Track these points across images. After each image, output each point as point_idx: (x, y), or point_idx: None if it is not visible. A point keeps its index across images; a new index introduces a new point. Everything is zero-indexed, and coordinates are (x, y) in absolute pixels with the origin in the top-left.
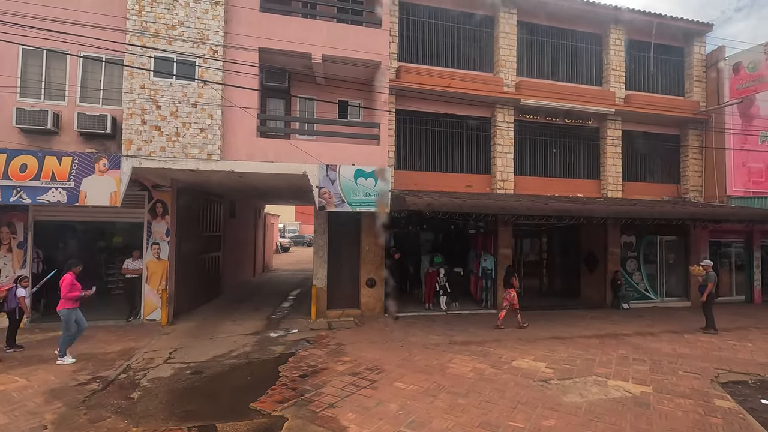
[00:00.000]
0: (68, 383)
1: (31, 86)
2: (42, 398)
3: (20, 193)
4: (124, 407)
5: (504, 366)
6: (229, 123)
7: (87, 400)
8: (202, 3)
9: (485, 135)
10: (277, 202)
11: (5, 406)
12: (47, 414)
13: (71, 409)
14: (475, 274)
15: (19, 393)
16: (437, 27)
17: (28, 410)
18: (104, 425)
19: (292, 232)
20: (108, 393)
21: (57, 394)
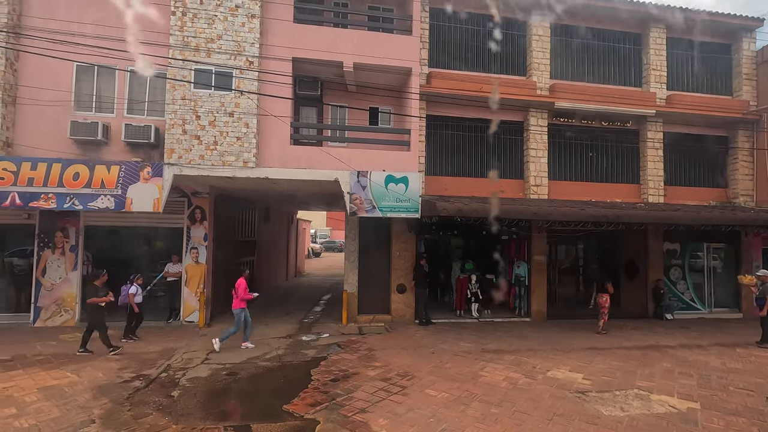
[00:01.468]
0: (114, 380)
1: (83, 100)
2: (90, 394)
3: (73, 199)
4: (165, 405)
5: (538, 376)
6: (264, 131)
7: (131, 397)
8: (239, 16)
9: (518, 139)
10: (308, 208)
11: (58, 400)
12: (95, 409)
13: (117, 405)
14: (508, 281)
15: (70, 388)
16: (468, 32)
17: (78, 405)
18: (147, 422)
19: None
20: (150, 391)
21: (104, 390)
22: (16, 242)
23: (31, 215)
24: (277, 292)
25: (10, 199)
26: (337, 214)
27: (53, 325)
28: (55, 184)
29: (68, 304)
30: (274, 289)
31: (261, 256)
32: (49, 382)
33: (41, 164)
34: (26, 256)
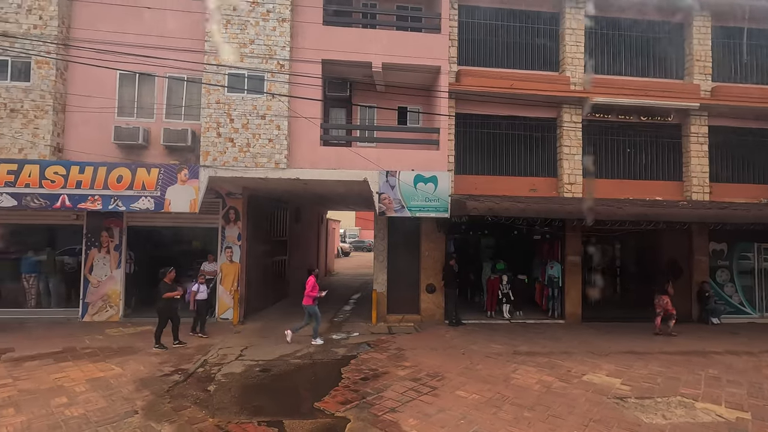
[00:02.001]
0: (155, 374)
1: (126, 106)
2: (133, 386)
3: (117, 201)
4: (202, 399)
5: (573, 380)
6: (295, 133)
7: (170, 390)
8: (270, 21)
9: (551, 136)
10: (338, 208)
11: (104, 391)
12: (138, 400)
13: (157, 397)
14: (541, 282)
15: (115, 380)
16: (498, 28)
17: (123, 396)
18: (185, 414)
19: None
20: (188, 384)
21: (146, 383)
22: (66, 241)
23: (79, 216)
24: None
25: (60, 201)
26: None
27: (99, 319)
28: (100, 187)
29: (113, 300)
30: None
31: (292, 256)
32: (96, 374)
33: (88, 168)
34: (75, 255)
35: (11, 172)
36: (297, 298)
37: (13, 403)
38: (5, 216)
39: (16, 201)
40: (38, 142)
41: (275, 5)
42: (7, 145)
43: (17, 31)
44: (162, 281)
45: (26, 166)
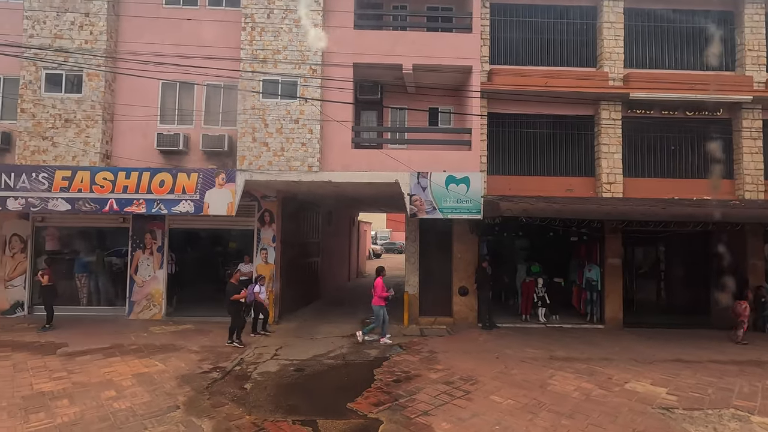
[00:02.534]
0: (195, 371)
1: (167, 114)
2: (175, 382)
3: (159, 204)
4: (239, 396)
5: (614, 388)
6: (327, 136)
7: (209, 387)
8: (302, 27)
9: (588, 135)
10: (369, 210)
11: (149, 386)
12: (179, 396)
13: (197, 393)
14: (578, 286)
15: (158, 376)
16: (531, 24)
17: (165, 391)
18: (223, 411)
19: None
20: (226, 382)
21: (187, 379)
22: (114, 243)
23: (125, 219)
24: (339, 292)
25: (108, 205)
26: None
27: (144, 318)
28: (144, 191)
29: (156, 299)
30: (337, 288)
31: (324, 257)
32: (141, 369)
33: (133, 173)
34: (122, 256)
35: (65, 178)
36: (329, 299)
37: (68, 394)
38: (60, 219)
39: (70, 205)
40: (89, 149)
41: (308, 12)
42: (62, 153)
43: (71, 46)
44: (229, 282)
45: (79, 173)
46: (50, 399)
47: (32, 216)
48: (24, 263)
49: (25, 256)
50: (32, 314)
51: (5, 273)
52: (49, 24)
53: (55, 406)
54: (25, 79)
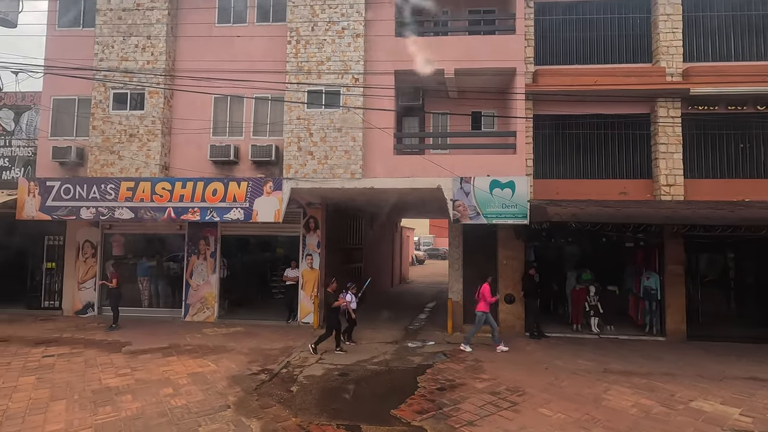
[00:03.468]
0: (244, 372)
1: (219, 126)
2: (226, 382)
3: (212, 212)
4: (286, 398)
5: (678, 406)
6: (369, 143)
7: (258, 388)
8: (345, 37)
9: (643, 134)
10: (412, 216)
11: (202, 385)
12: (230, 396)
13: (247, 394)
14: (635, 294)
15: (211, 376)
16: (578, 22)
17: (217, 391)
18: (271, 412)
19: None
20: (273, 384)
21: (237, 380)
22: (172, 249)
23: (182, 226)
24: (383, 298)
25: (167, 213)
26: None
27: (198, 320)
28: (199, 200)
29: (209, 302)
30: (380, 294)
31: (368, 263)
32: (195, 369)
33: (189, 183)
34: (179, 261)
35: (129, 188)
36: (371, 305)
37: (131, 390)
38: (125, 227)
39: (133, 213)
40: (150, 161)
41: (350, 22)
42: (127, 166)
43: (134, 67)
44: (326, 291)
45: (141, 183)
46: (116, 394)
47: (101, 224)
48: (94, 267)
49: (95, 261)
50: (101, 314)
51: (79, 276)
52: (116, 48)
53: (120, 401)
54: (96, 99)
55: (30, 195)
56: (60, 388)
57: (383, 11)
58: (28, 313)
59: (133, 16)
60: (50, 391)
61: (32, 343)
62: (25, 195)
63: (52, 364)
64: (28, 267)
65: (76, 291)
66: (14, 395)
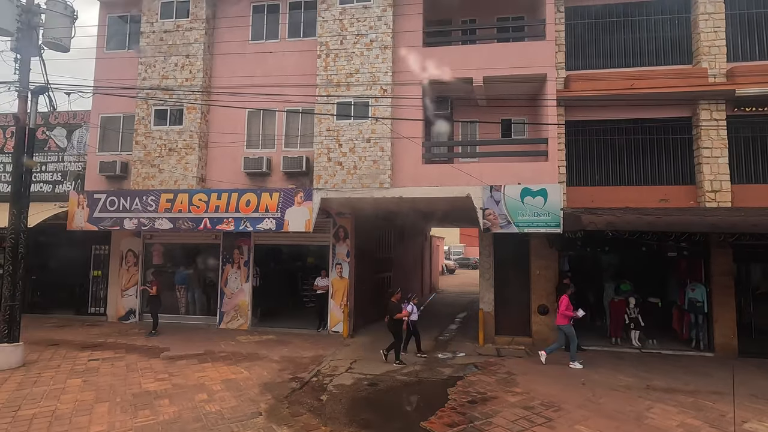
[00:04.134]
0: (275, 380)
1: (252, 139)
2: (258, 389)
3: (245, 222)
4: (316, 407)
5: (729, 427)
6: (397, 153)
7: (289, 396)
8: (373, 50)
9: (684, 138)
10: (442, 225)
11: (235, 392)
12: (262, 403)
13: (278, 402)
14: (679, 307)
15: (243, 383)
16: (611, 25)
17: (249, 398)
18: (301, 420)
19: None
20: (303, 392)
21: (268, 387)
22: (208, 258)
23: (217, 236)
24: None
25: (203, 224)
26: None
27: (232, 327)
28: (233, 210)
29: (243, 310)
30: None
31: (397, 273)
32: (229, 375)
33: (224, 194)
34: (214, 269)
35: (169, 200)
36: None
37: (168, 395)
38: (164, 236)
39: (172, 224)
40: (188, 174)
41: (378, 35)
42: (166, 179)
43: (174, 84)
44: (390, 301)
45: (179, 195)
46: (154, 398)
47: (143, 234)
48: (136, 276)
49: (137, 269)
50: (141, 321)
51: (122, 284)
52: (158, 67)
53: (158, 405)
54: (139, 116)
55: (79, 207)
56: (104, 391)
57: (411, 22)
58: (76, 318)
59: (173, 36)
60: (95, 393)
61: (79, 347)
62: (75, 207)
63: (97, 367)
64: (77, 275)
65: (119, 298)
66: (62, 396)
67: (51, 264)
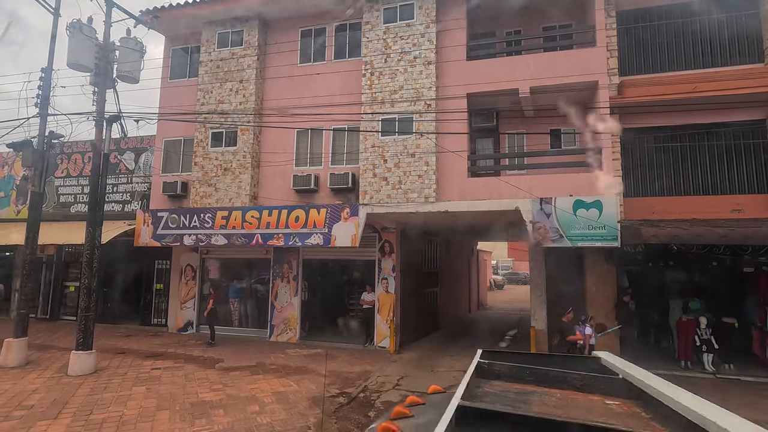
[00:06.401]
0: (324, 394)
1: (301, 158)
2: (307, 403)
3: (294, 238)
4: (363, 423)
5: None
6: (442, 167)
7: (336, 411)
8: (417, 66)
9: (757, 143)
10: (488, 239)
11: (285, 405)
12: (311, 417)
13: (326, 416)
14: (760, 328)
15: (293, 396)
16: (668, 27)
17: (299, 411)
18: None
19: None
20: (351, 408)
21: (317, 401)
22: (259, 272)
23: (268, 251)
24: (460, 324)
25: (255, 239)
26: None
27: (281, 340)
28: (283, 226)
29: (292, 324)
30: (457, 320)
31: (443, 287)
32: (279, 388)
33: (274, 211)
34: (265, 283)
35: (224, 217)
36: (449, 331)
37: (222, 405)
38: (219, 252)
39: (227, 240)
40: (241, 192)
41: (421, 51)
42: (222, 197)
43: (229, 108)
44: (562, 321)
45: (233, 212)
46: (210, 407)
47: (200, 249)
48: (194, 289)
49: (195, 283)
50: (198, 332)
51: (181, 297)
52: (214, 93)
53: (213, 414)
54: (197, 139)
55: (145, 224)
56: (165, 399)
57: (454, 37)
58: (141, 328)
59: (228, 64)
60: (157, 401)
61: (144, 356)
62: (141, 224)
63: (159, 376)
64: (142, 288)
65: (178, 310)
66: (128, 403)
67: (119, 277)
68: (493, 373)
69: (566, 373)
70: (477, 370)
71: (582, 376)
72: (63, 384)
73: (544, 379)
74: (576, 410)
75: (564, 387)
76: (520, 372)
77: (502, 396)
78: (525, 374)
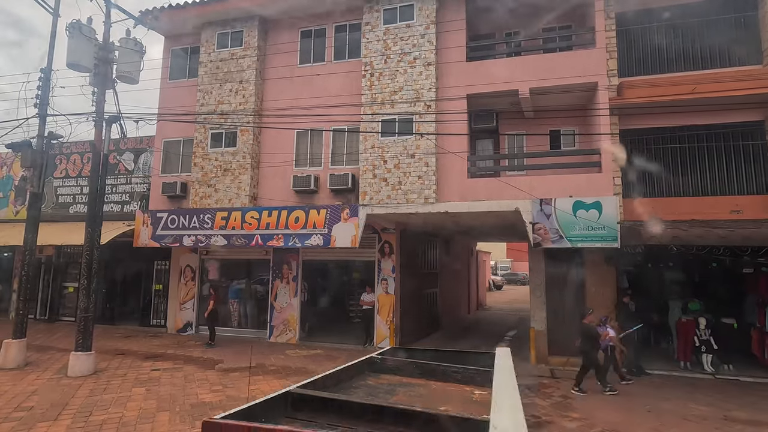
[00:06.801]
0: None
1: (300, 158)
2: None
3: (294, 238)
4: None
5: None
6: (442, 168)
7: None
8: (417, 67)
9: (756, 145)
10: (488, 240)
11: None
12: None
13: None
14: (759, 329)
15: None
16: (666, 29)
17: None
18: None
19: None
20: None
21: None
22: (258, 273)
23: (267, 252)
24: (460, 325)
25: (255, 240)
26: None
27: (281, 341)
28: (283, 227)
29: (291, 324)
30: (457, 321)
31: (443, 288)
32: (279, 389)
33: (274, 212)
34: (264, 284)
35: (223, 218)
36: (449, 332)
37: (222, 406)
38: (218, 252)
39: (226, 240)
40: (241, 193)
41: (421, 52)
42: (221, 198)
43: (229, 109)
44: (582, 323)
45: (233, 213)
46: (210, 408)
47: (199, 250)
48: (193, 290)
49: (194, 283)
50: (197, 333)
51: (180, 297)
52: (214, 94)
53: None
54: (197, 139)
55: (144, 225)
56: (165, 400)
57: (454, 38)
58: (140, 329)
59: (228, 64)
60: (156, 402)
61: (143, 357)
62: (140, 225)
63: (158, 377)
64: (141, 288)
65: (178, 311)
66: (128, 404)
67: (118, 278)
68: (385, 368)
69: (449, 367)
70: (369, 363)
71: (463, 370)
72: (62, 385)
73: (433, 373)
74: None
75: (445, 380)
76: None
77: (374, 387)
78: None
